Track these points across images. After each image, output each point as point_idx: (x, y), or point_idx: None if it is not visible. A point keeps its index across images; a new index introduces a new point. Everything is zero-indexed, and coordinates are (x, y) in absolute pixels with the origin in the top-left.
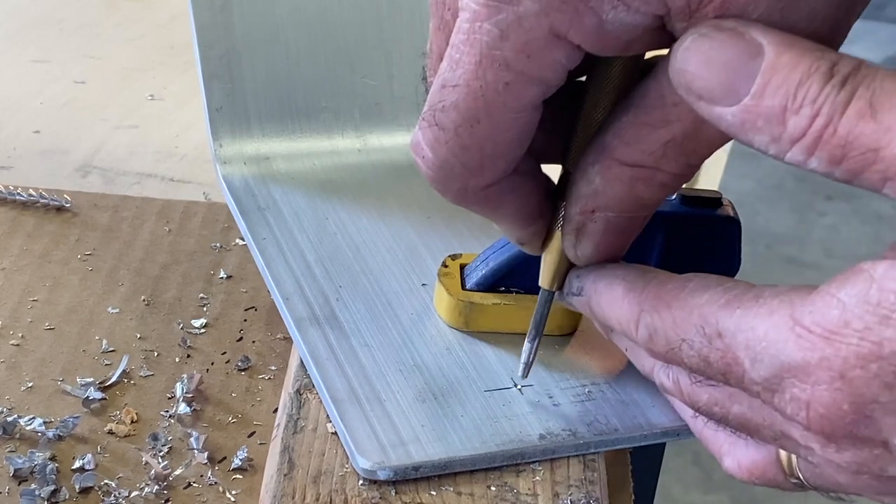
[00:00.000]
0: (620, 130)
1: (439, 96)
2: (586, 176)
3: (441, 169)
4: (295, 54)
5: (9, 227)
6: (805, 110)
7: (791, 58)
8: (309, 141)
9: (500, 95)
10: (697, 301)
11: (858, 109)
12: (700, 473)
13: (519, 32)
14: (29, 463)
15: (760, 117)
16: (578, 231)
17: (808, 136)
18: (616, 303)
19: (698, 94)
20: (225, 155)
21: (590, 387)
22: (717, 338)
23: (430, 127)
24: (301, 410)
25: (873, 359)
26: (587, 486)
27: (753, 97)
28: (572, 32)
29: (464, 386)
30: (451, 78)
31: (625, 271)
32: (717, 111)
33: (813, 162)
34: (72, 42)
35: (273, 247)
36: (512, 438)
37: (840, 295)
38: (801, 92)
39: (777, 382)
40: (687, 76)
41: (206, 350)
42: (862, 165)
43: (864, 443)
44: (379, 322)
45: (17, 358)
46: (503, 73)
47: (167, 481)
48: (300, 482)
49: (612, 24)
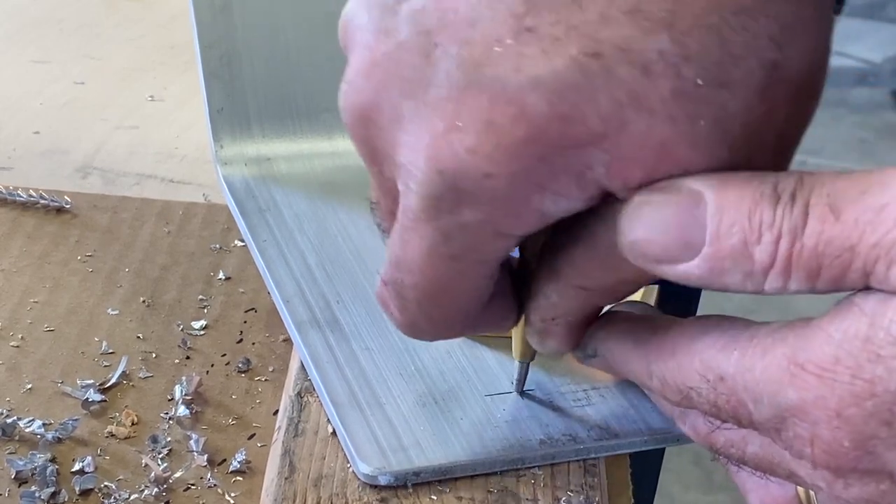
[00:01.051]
0: (573, 261)
1: (397, 272)
2: (543, 291)
3: (410, 327)
4: (295, 54)
5: (9, 228)
6: (766, 237)
7: (733, 193)
8: (310, 142)
9: (455, 279)
10: (698, 347)
11: (819, 217)
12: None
13: (462, 236)
14: (30, 465)
15: (725, 260)
16: (542, 334)
17: (777, 260)
18: (628, 358)
19: (657, 258)
20: (225, 156)
21: (590, 391)
22: (720, 382)
23: (396, 296)
24: (302, 413)
25: (867, 397)
26: (587, 490)
27: (711, 244)
28: (515, 229)
29: (464, 390)
30: (403, 260)
31: (631, 326)
32: (681, 269)
33: (793, 284)
34: (72, 42)
35: (273, 248)
36: (512, 443)
37: (831, 330)
38: (754, 221)
39: (780, 422)
40: (639, 246)
41: (205, 352)
42: (841, 270)
43: (870, 477)
44: (380, 325)
45: (17, 359)
46: (453, 263)
47: (167, 483)
48: (301, 486)
49: (554, 213)
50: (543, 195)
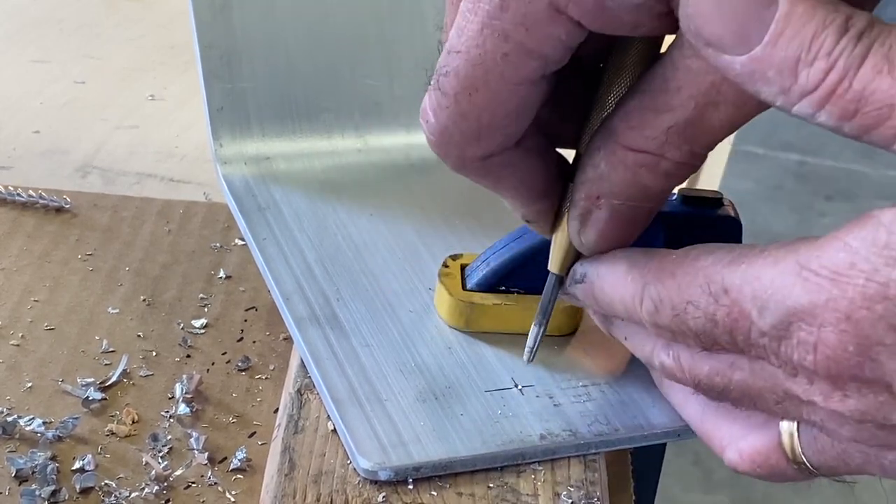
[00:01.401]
0: (626, 115)
1: (444, 61)
2: (592, 160)
3: (441, 134)
4: (295, 54)
5: (9, 228)
6: (819, 63)
7: (806, 9)
8: (309, 141)
9: (498, 66)
10: (702, 263)
11: (875, 65)
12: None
13: (518, 4)
14: (30, 463)
15: (771, 68)
16: (583, 217)
17: (820, 89)
18: (620, 281)
19: (707, 40)
20: (225, 155)
21: (590, 387)
22: (723, 294)
23: (434, 91)
24: (302, 410)
25: (879, 299)
26: (588, 486)
27: (765, 47)
28: (572, 7)
29: (464, 386)
30: (455, 44)
31: (627, 252)
32: (727, 60)
33: (822, 116)
34: (72, 42)
35: (273, 247)
36: (512, 439)
37: (848, 239)
38: (815, 44)
39: (785, 328)
40: (697, 21)
41: (206, 350)
42: (876, 121)
43: (868, 387)
44: (379, 322)
45: (17, 358)
46: (502, 43)
47: (167, 482)
48: (301, 482)
49: (614, 1)
50: None
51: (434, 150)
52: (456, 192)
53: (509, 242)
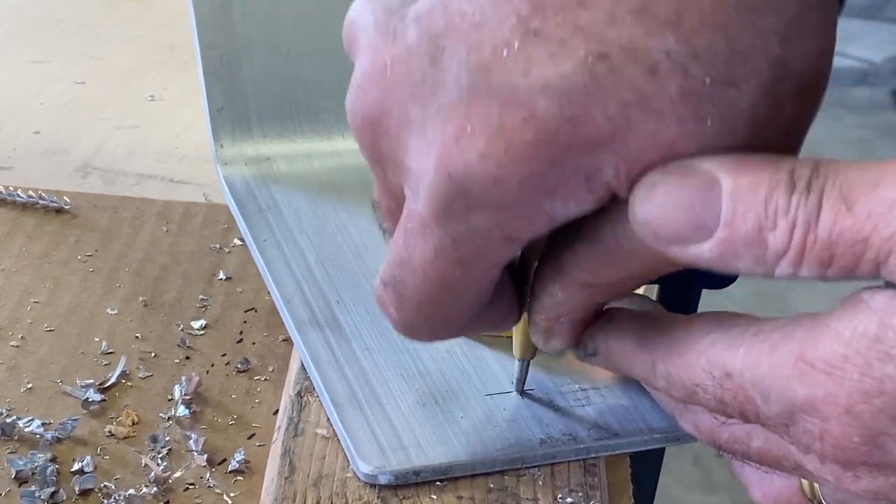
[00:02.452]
0: (577, 261)
1: (399, 272)
2: (547, 290)
3: (408, 327)
4: (295, 54)
5: (9, 228)
6: (781, 224)
7: (749, 178)
8: (310, 142)
9: (459, 281)
10: (703, 345)
11: (832, 207)
12: (700, 474)
13: (471, 241)
14: (30, 464)
15: (739, 244)
16: (546, 333)
17: (791, 248)
18: (630, 357)
19: (668, 240)
20: (226, 156)
21: (590, 391)
22: (726, 379)
23: (395, 295)
24: (302, 413)
25: (876, 394)
26: (587, 490)
27: (724, 228)
28: (525, 234)
29: (464, 390)
30: (407, 260)
31: (631, 324)
32: (693, 251)
33: (804, 271)
34: (72, 42)
35: (274, 248)
36: (512, 443)
37: (840, 328)
38: (770, 208)
39: (789, 417)
40: (651, 227)
41: (205, 351)
42: (853, 260)
43: (879, 471)
44: (380, 325)
45: (17, 359)
46: (459, 267)
47: (166, 483)
48: (301, 485)
49: (564, 216)
50: (553, 199)
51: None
52: None
53: None
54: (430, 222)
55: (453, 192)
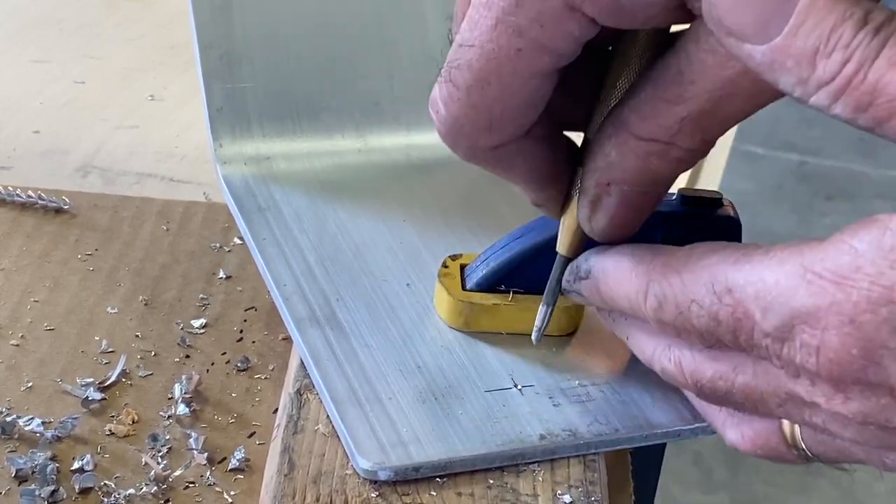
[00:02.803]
0: (638, 105)
1: (456, 55)
2: (603, 148)
3: (452, 126)
4: (295, 54)
5: (8, 228)
6: (836, 55)
7: (826, 2)
8: (309, 141)
9: (512, 61)
10: (707, 262)
11: (890, 57)
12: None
13: (534, 1)
14: (30, 463)
15: (791, 58)
16: (593, 203)
17: (837, 80)
18: (625, 277)
19: (729, 29)
20: (225, 155)
21: (590, 387)
22: (726, 294)
23: (445, 83)
24: (301, 411)
25: (883, 303)
26: (587, 486)
27: (786, 37)
28: (586, 4)
29: (464, 386)
30: (467, 38)
31: (632, 248)
32: (747, 49)
33: (837, 107)
34: (72, 42)
35: (273, 247)
36: (512, 439)
37: (853, 242)
38: (833, 36)
39: (788, 330)
40: (719, 10)
41: (205, 350)
42: (889, 113)
43: (871, 390)
44: (379, 322)
45: (17, 358)
46: (516, 39)
47: (166, 482)
48: (300, 483)
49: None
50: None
51: (445, 141)
52: (456, 192)
53: (509, 242)
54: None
55: None
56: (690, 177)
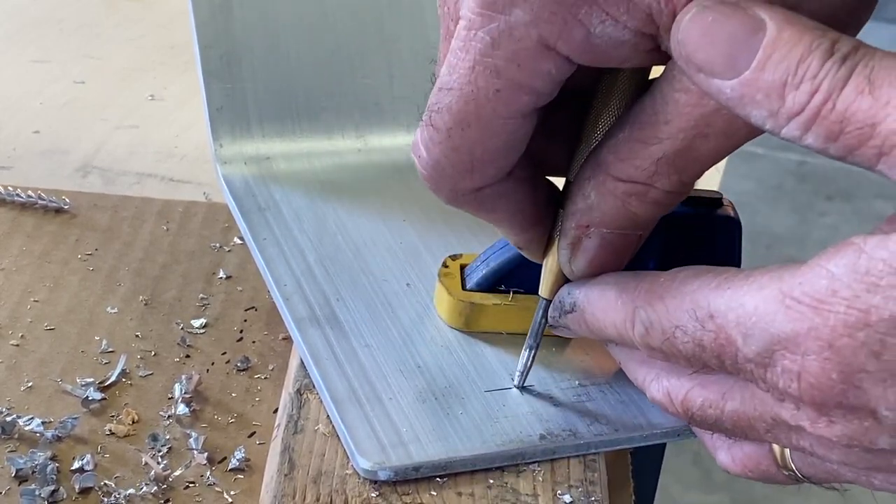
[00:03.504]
0: (616, 146)
1: (436, 98)
2: (582, 190)
3: (434, 169)
4: (295, 54)
5: (8, 228)
6: (805, 86)
7: (793, 34)
8: (309, 141)
9: (491, 102)
10: (689, 288)
11: (857, 85)
12: (700, 473)
13: (509, 41)
14: (30, 463)
15: (760, 91)
16: (574, 246)
17: (806, 111)
18: (610, 306)
19: (698, 66)
20: (225, 155)
21: (590, 387)
22: (708, 319)
23: (427, 127)
24: (301, 411)
25: (860, 327)
26: (587, 486)
27: (754, 71)
28: (561, 44)
29: (464, 386)
30: (447, 81)
31: (616, 276)
32: (717, 84)
33: (809, 138)
34: (72, 42)
35: (273, 247)
36: (512, 438)
37: (829, 266)
38: (801, 67)
39: (769, 356)
40: (688, 48)
41: (206, 350)
42: (858, 141)
43: (853, 413)
44: (379, 322)
45: (17, 358)
46: (494, 80)
47: (166, 482)
48: (300, 482)
49: (601, 37)
50: (592, 9)
51: (427, 185)
52: None
53: (509, 242)
54: (476, 21)
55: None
56: None
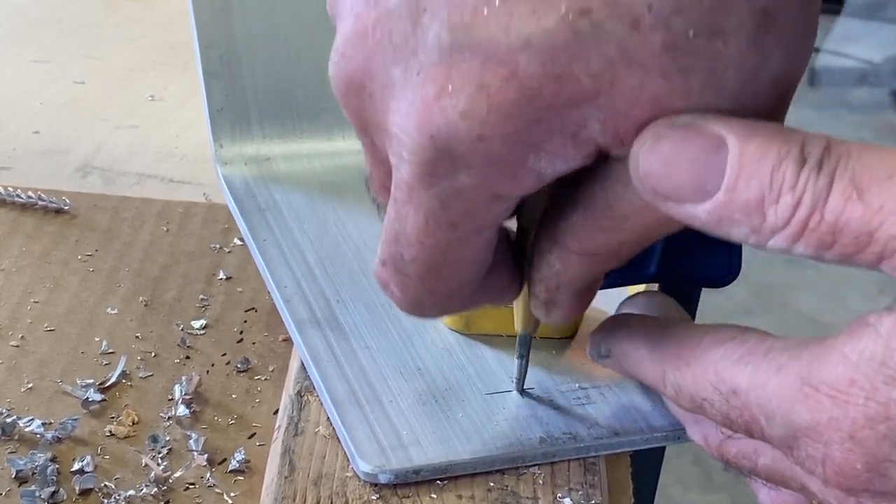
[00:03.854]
0: (572, 229)
1: (396, 247)
2: (545, 260)
3: (413, 305)
4: (295, 54)
5: (8, 228)
6: (785, 199)
7: (758, 146)
8: (309, 142)
9: (454, 247)
10: (712, 357)
11: (842, 192)
12: (700, 474)
13: (459, 202)
14: (30, 464)
15: (737, 211)
16: (547, 305)
17: (791, 224)
18: (642, 364)
19: (666, 196)
20: (225, 156)
21: (590, 390)
22: (732, 395)
23: (395, 273)
24: (302, 412)
25: (881, 420)
26: (587, 489)
27: (726, 192)
28: (514, 191)
29: (464, 388)
30: (401, 232)
31: (646, 331)
32: (689, 210)
33: (799, 248)
34: (72, 42)
35: (273, 248)
36: (512, 441)
37: (846, 350)
38: (776, 180)
39: (793, 440)
40: (652, 180)
41: (206, 351)
42: (855, 249)
43: (882, 497)
44: (379, 324)
45: (17, 359)
46: (452, 232)
47: (166, 483)
48: (301, 485)
49: (551, 173)
50: (539, 155)
51: (408, 313)
52: None
53: None
54: (417, 185)
55: (436, 153)
56: None
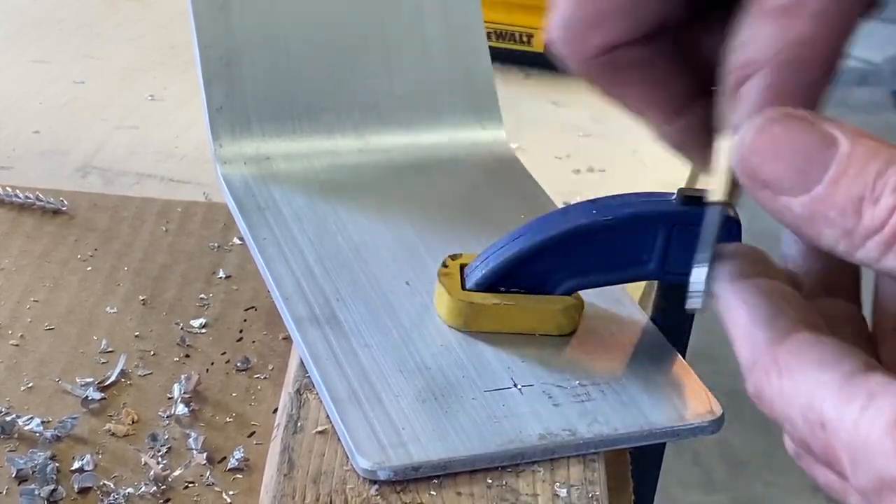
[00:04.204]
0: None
1: None
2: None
3: (562, 27)
4: (295, 54)
5: (8, 228)
6: (886, 201)
7: (868, 148)
8: (309, 141)
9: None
10: (808, 376)
11: None
12: (700, 473)
13: None
14: (30, 463)
15: (833, 208)
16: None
17: (887, 228)
18: (737, 336)
19: (764, 182)
20: (225, 155)
21: (590, 387)
22: (819, 427)
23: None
24: (301, 410)
25: None
26: (587, 486)
27: (827, 186)
28: None
29: (464, 386)
30: None
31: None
32: (784, 202)
33: (889, 259)
34: (72, 42)
35: (273, 247)
36: (512, 438)
37: None
38: (879, 182)
39: (877, 493)
40: (753, 162)
41: (205, 350)
42: None
43: None
44: (379, 322)
45: (17, 358)
46: None
47: (166, 482)
48: (300, 482)
49: None
50: None
51: (557, 49)
52: (456, 193)
53: (509, 242)
54: None
55: None
56: (690, 177)
